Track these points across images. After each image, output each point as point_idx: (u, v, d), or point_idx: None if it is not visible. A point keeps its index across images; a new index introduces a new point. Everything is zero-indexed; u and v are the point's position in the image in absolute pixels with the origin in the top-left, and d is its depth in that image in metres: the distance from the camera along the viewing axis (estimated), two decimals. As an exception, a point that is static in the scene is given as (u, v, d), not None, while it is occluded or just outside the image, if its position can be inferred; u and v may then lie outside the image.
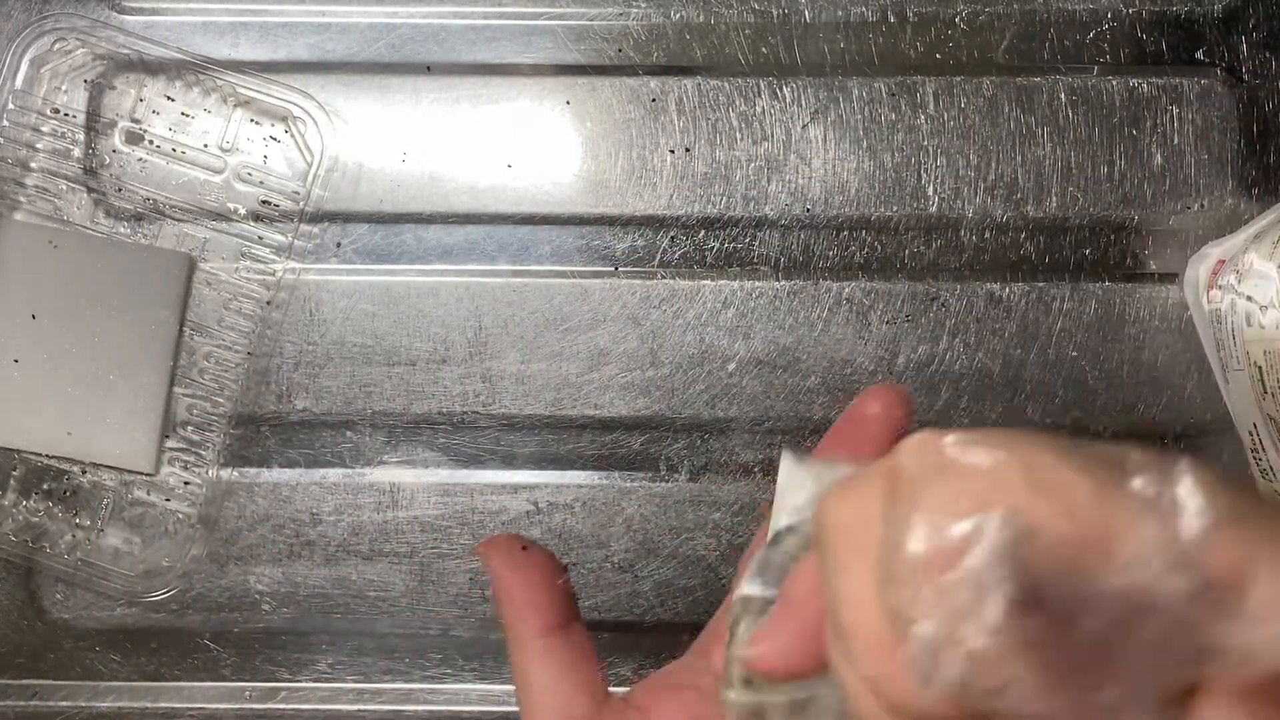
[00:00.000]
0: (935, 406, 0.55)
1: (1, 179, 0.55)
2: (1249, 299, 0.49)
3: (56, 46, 0.55)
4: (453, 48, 0.56)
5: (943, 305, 0.56)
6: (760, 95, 0.55)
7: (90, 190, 0.55)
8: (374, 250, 0.56)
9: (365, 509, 0.56)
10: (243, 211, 0.55)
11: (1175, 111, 0.55)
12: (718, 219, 0.56)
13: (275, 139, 0.55)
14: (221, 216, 0.55)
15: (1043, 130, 0.55)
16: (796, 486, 0.30)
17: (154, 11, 0.56)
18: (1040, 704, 0.21)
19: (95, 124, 0.55)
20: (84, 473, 0.55)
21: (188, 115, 0.55)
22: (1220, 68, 0.55)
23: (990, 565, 0.21)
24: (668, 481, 0.56)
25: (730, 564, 0.55)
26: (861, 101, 0.55)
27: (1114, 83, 0.55)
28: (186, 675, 0.56)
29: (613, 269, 0.56)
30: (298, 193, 0.55)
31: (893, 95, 0.55)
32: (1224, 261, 0.52)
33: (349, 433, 0.56)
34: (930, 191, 0.55)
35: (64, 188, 0.55)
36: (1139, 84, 0.55)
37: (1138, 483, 0.22)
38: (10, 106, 0.55)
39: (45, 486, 0.55)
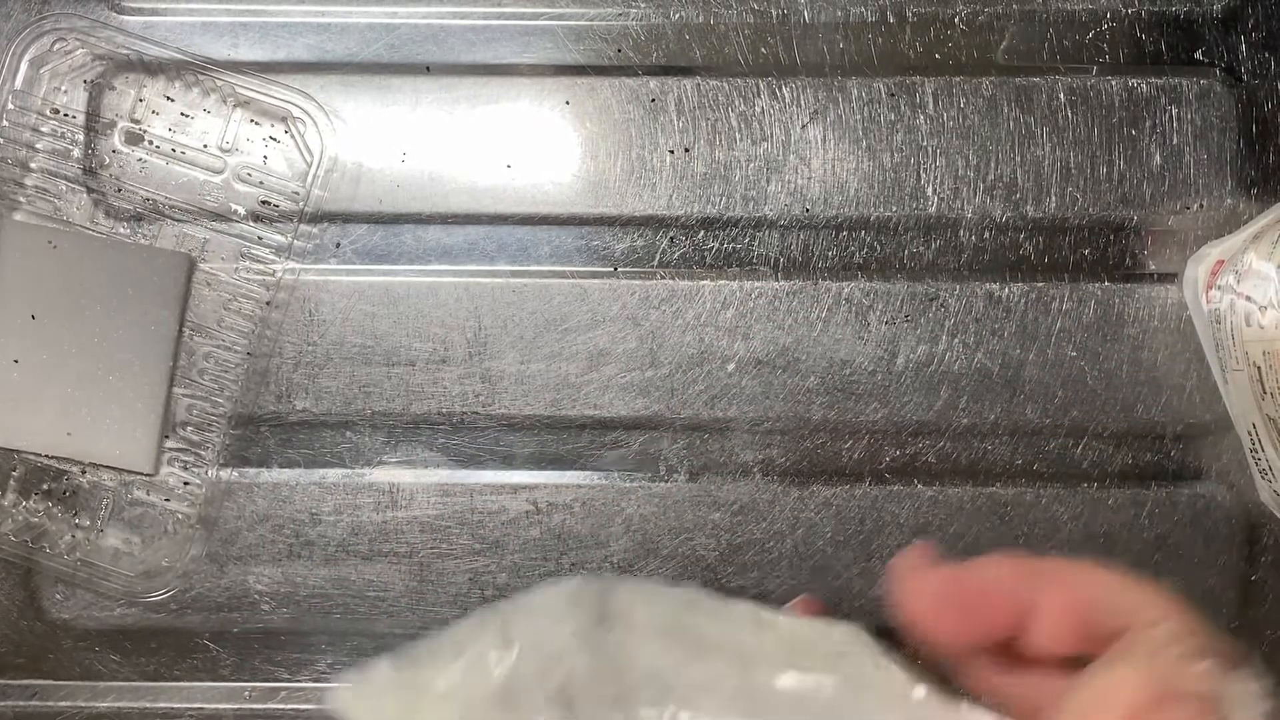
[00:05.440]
0: (934, 407, 0.55)
1: (1, 179, 0.55)
2: (1248, 299, 0.49)
3: (56, 47, 0.55)
4: (452, 48, 0.56)
5: (942, 305, 0.56)
6: (760, 95, 0.55)
7: (90, 190, 0.55)
8: (374, 250, 0.56)
9: (365, 509, 0.56)
10: (242, 212, 0.55)
11: (1174, 111, 0.55)
12: (717, 219, 0.56)
13: (275, 139, 0.55)
14: (221, 217, 0.55)
15: (1042, 130, 0.55)
16: None
17: (154, 12, 0.56)
18: None
19: (95, 124, 0.55)
20: (84, 473, 0.55)
21: (187, 115, 0.55)
22: (1219, 68, 0.55)
23: None
24: (667, 481, 0.56)
25: (730, 563, 0.55)
26: (860, 102, 0.55)
27: (1113, 83, 0.55)
28: (186, 675, 0.56)
29: (612, 269, 0.56)
30: (297, 193, 0.55)
31: (892, 95, 0.55)
32: (1223, 261, 0.52)
33: (349, 433, 0.56)
34: (929, 192, 0.55)
35: (64, 188, 0.55)
36: (1138, 84, 0.55)
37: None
38: (10, 107, 0.55)
39: (45, 486, 0.55)
